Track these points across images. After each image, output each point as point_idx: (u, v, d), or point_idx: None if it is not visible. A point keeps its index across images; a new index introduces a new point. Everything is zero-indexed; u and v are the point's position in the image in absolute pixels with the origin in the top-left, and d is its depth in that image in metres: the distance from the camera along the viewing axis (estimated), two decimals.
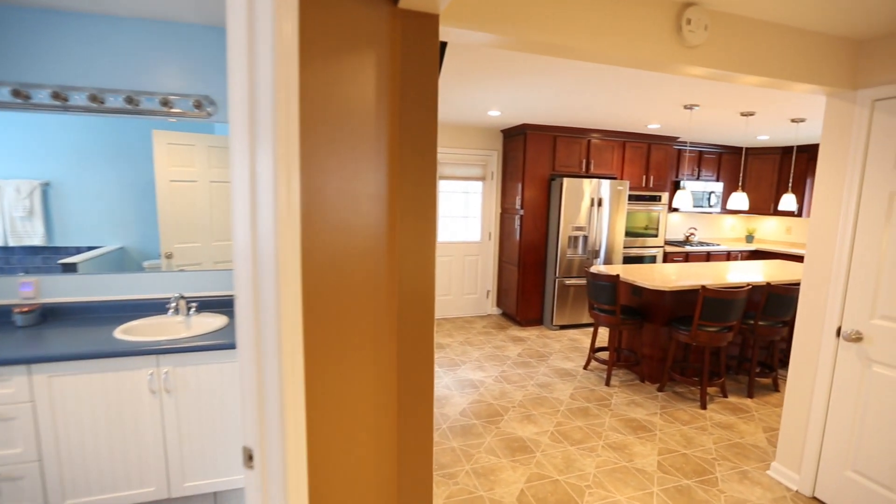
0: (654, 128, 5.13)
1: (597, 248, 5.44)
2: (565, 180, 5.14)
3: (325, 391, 1.09)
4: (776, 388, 3.92)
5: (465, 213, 5.91)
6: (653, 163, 5.84)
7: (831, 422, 2.42)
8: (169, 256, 2.53)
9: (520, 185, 5.38)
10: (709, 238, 7.16)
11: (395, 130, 1.40)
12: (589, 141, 5.47)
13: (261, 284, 0.84)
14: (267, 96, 0.79)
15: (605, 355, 4.60)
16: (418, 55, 1.40)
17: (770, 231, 7.07)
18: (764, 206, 6.64)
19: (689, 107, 3.92)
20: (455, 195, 5.82)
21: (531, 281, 5.53)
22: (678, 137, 5.83)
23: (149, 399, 2.05)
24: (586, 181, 5.24)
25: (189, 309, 2.52)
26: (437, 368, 4.19)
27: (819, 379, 2.46)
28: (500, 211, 5.97)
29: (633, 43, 1.79)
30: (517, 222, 5.48)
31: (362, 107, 1.20)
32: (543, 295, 5.62)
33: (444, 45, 2.19)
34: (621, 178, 5.70)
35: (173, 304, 2.41)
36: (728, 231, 7.25)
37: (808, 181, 6.29)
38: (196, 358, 2.09)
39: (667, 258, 6.08)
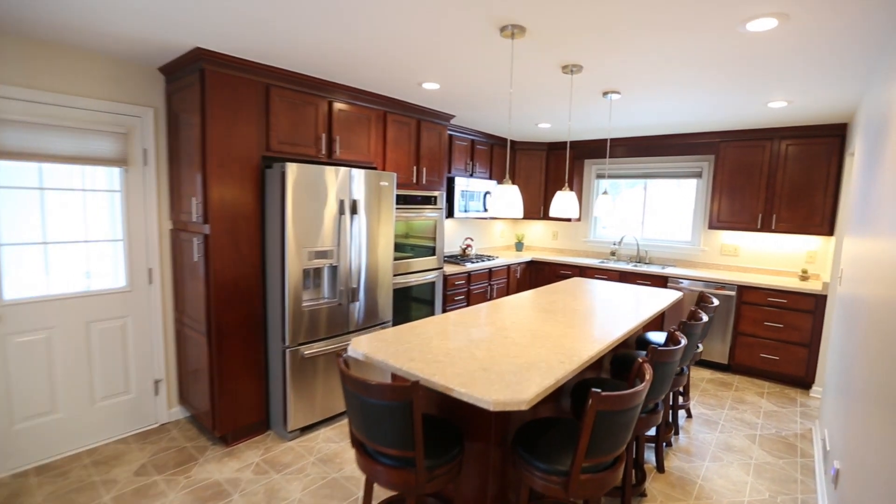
0: (430, 88, 3.27)
1: (353, 286, 3.26)
2: (291, 168, 2.77)
3: None
4: (644, 493, 2.54)
5: (84, 234, 2.85)
6: (425, 149, 4.04)
7: None
8: None
9: (200, 177, 2.72)
10: (484, 249, 5.95)
11: None
12: (331, 104, 3.23)
13: None
14: None
15: None
16: None
17: (538, 237, 6.35)
18: (534, 208, 5.79)
19: (508, 29, 2.11)
20: (53, 196, 2.70)
21: (238, 357, 2.94)
22: (454, 116, 4.20)
23: None
24: (330, 171, 2.99)
25: None
26: None
27: None
28: (169, 227, 3.14)
29: None
30: (199, 248, 2.80)
31: None
32: (267, 378, 3.11)
33: None
34: (384, 169, 3.69)
35: None
36: (499, 238, 6.21)
37: (576, 181, 5.69)
38: None
39: (447, 283, 4.41)
